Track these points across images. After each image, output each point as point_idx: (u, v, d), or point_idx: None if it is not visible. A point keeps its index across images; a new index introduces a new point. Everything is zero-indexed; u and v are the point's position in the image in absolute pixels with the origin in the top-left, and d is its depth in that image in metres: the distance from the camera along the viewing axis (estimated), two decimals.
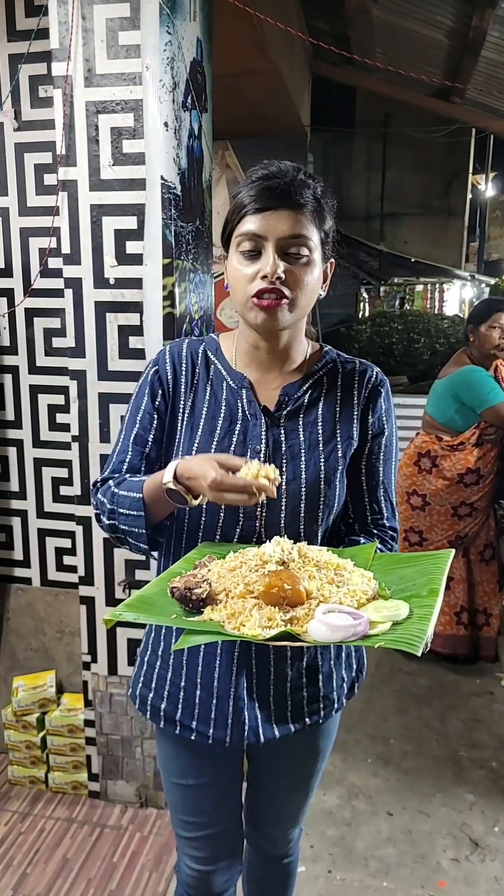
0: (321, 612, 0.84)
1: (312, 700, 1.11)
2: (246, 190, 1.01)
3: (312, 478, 1.05)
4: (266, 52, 3.32)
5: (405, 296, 11.37)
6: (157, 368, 1.12)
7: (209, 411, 1.08)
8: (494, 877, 1.87)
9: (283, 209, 0.98)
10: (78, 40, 1.70)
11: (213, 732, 1.09)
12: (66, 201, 1.79)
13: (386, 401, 1.13)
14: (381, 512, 1.13)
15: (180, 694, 1.11)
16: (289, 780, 1.24)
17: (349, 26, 4.67)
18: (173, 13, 1.68)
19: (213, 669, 1.08)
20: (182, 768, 1.17)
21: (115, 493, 1.05)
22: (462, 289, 12.54)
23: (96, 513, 1.10)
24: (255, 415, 1.07)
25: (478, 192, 13.17)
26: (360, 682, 1.21)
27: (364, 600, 0.89)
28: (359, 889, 1.83)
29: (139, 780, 2.07)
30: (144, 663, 1.19)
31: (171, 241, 1.76)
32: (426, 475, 2.83)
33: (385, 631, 0.82)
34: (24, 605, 2.29)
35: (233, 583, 0.90)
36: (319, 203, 1.02)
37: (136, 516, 1.02)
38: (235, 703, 1.07)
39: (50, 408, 2.18)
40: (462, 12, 3.97)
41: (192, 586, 0.90)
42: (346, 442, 1.08)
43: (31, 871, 1.86)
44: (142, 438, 1.11)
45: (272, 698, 1.09)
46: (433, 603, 0.85)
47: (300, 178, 1.00)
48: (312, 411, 1.08)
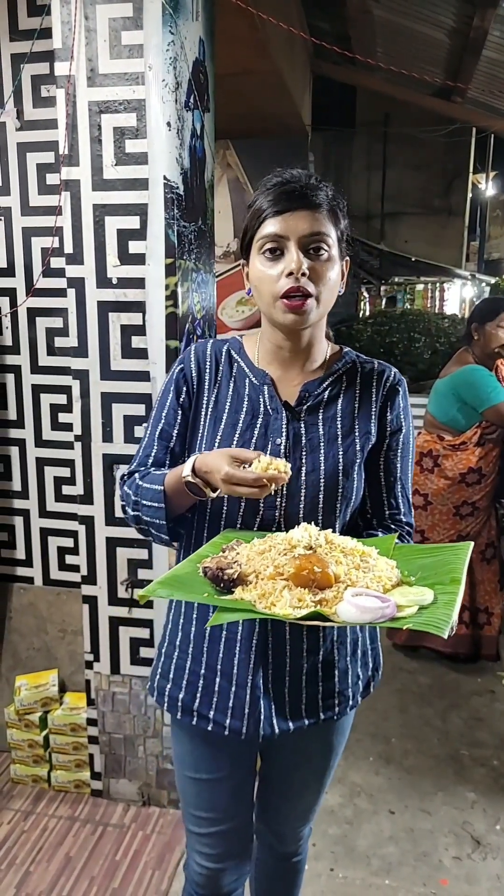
0: (350, 595, 0.86)
1: (327, 695, 1.14)
2: (263, 196, 1.06)
3: (331, 470, 1.08)
4: (267, 52, 3.32)
5: (396, 294, 11.37)
6: (182, 367, 1.17)
7: (232, 406, 1.13)
8: (496, 875, 1.88)
9: (301, 210, 1.03)
10: (81, 40, 1.71)
11: (229, 723, 1.11)
12: (69, 201, 1.80)
13: (403, 399, 1.16)
14: (397, 507, 1.16)
15: (199, 682, 1.14)
16: (301, 777, 1.25)
17: (350, 26, 4.67)
18: (176, 13, 1.69)
19: (232, 657, 1.11)
20: (196, 762, 1.19)
21: (139, 485, 1.11)
22: (462, 288, 12.54)
23: (122, 504, 1.16)
24: (277, 409, 1.11)
25: (478, 191, 13.17)
26: (376, 681, 1.23)
27: (389, 586, 0.92)
28: (361, 887, 1.84)
29: (142, 778, 2.07)
30: (163, 655, 1.21)
31: (174, 240, 1.76)
32: (428, 475, 2.83)
33: (412, 614, 0.85)
34: (26, 605, 2.29)
35: (262, 565, 0.93)
36: (333, 203, 1.06)
37: (157, 507, 1.07)
38: (252, 692, 1.10)
39: (52, 407, 2.19)
40: (463, 12, 3.97)
41: (224, 566, 0.93)
42: (365, 437, 1.12)
43: (34, 870, 1.86)
44: (167, 433, 1.16)
45: (287, 690, 1.11)
46: (456, 590, 0.88)
47: (313, 182, 1.06)
48: (332, 407, 1.12)
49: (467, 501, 2.80)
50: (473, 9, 3.87)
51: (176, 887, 1.81)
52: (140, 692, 2.01)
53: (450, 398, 2.77)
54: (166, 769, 2.05)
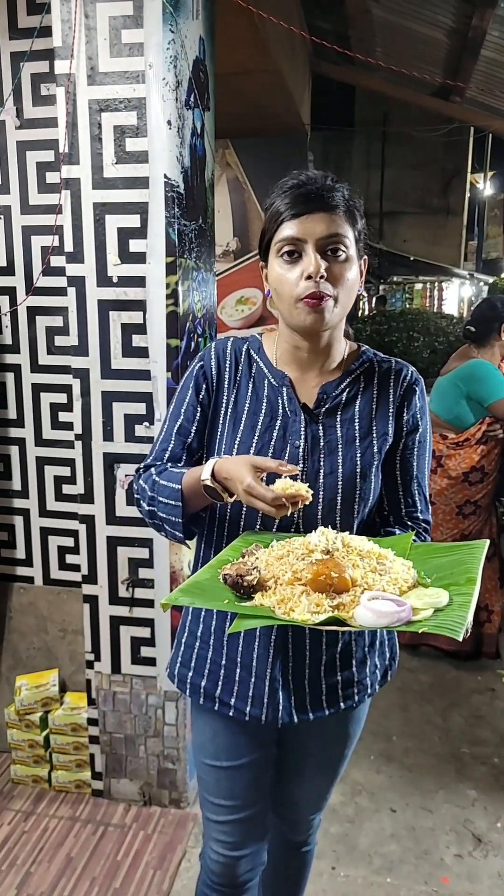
0: (366, 599, 0.88)
1: (347, 685, 1.16)
2: (280, 199, 1.06)
3: (349, 472, 1.10)
4: (267, 51, 3.32)
5: (387, 295, 11.37)
6: (202, 364, 1.18)
7: (251, 407, 1.14)
8: (497, 872, 1.88)
9: (318, 212, 1.03)
10: (81, 38, 1.70)
11: (249, 710, 1.14)
12: (69, 199, 1.80)
13: (420, 399, 1.17)
14: (414, 505, 1.18)
15: (220, 672, 1.16)
16: (316, 763, 1.27)
17: (349, 25, 4.67)
18: (176, 11, 1.68)
19: (252, 649, 1.13)
20: (217, 750, 1.21)
21: (155, 481, 1.12)
22: (461, 287, 12.56)
23: (136, 497, 1.17)
24: (295, 411, 1.12)
25: (476, 190, 13.19)
26: (394, 669, 1.27)
27: (405, 588, 0.93)
28: (362, 885, 1.83)
29: (143, 778, 2.07)
30: (182, 644, 1.23)
31: (175, 239, 1.76)
32: (431, 475, 2.82)
33: (427, 617, 0.86)
34: (26, 604, 2.29)
35: (281, 570, 0.95)
36: (350, 204, 1.07)
37: (173, 506, 1.08)
38: (272, 683, 1.12)
39: (52, 406, 2.18)
40: (462, 12, 3.97)
41: (243, 573, 0.95)
42: (382, 438, 1.13)
43: (35, 871, 1.86)
44: (185, 429, 1.17)
45: (307, 682, 1.13)
46: (471, 591, 0.89)
47: (329, 183, 1.06)
48: (350, 408, 1.13)
49: (470, 500, 2.80)
50: (472, 9, 3.87)
51: (177, 887, 1.80)
52: (141, 692, 2.01)
53: (454, 394, 2.77)
54: (167, 769, 2.04)
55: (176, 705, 2.00)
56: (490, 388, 2.68)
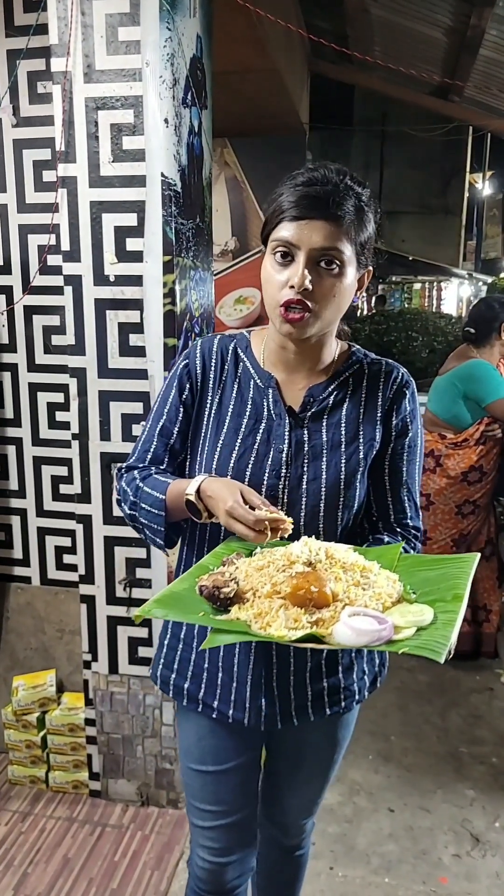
0: (347, 616, 0.85)
1: (333, 691, 1.14)
2: (287, 194, 1.01)
3: (333, 479, 1.07)
4: (266, 50, 3.31)
5: (385, 294, 11.36)
6: (187, 363, 1.15)
7: (235, 409, 1.11)
8: (496, 872, 1.88)
9: (318, 220, 0.98)
10: (77, 36, 1.70)
11: (232, 713, 1.12)
12: (66, 198, 1.79)
13: (411, 402, 1.13)
14: (404, 511, 1.14)
15: (203, 675, 1.15)
16: (307, 769, 1.26)
17: (348, 24, 4.66)
18: (173, 9, 1.68)
19: (233, 655, 1.11)
20: (203, 754, 1.19)
21: (139, 486, 1.10)
22: (460, 287, 12.56)
23: (117, 498, 1.16)
24: (280, 415, 1.09)
25: (475, 190, 13.20)
26: (383, 676, 1.24)
27: (389, 604, 0.90)
28: (360, 886, 1.83)
29: (140, 778, 2.06)
30: (165, 646, 1.22)
31: (172, 238, 1.76)
32: (430, 475, 2.83)
33: (409, 637, 0.83)
34: (23, 604, 2.28)
35: (260, 582, 0.92)
36: (360, 213, 1.01)
37: (156, 514, 1.07)
38: (253, 688, 1.10)
39: (49, 406, 2.18)
40: (460, 11, 3.97)
41: (220, 585, 0.92)
42: (369, 444, 1.10)
43: (32, 871, 1.85)
44: (167, 430, 1.14)
45: (292, 688, 1.11)
46: (457, 609, 0.86)
47: (343, 186, 1.00)
48: (336, 412, 1.10)
49: (469, 500, 2.80)
50: (471, 8, 3.86)
51: (175, 888, 1.80)
52: (139, 692, 2.00)
53: (452, 394, 2.76)
54: (165, 769, 2.04)
55: (173, 706, 1.99)
56: (488, 388, 2.67)
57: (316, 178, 1.00)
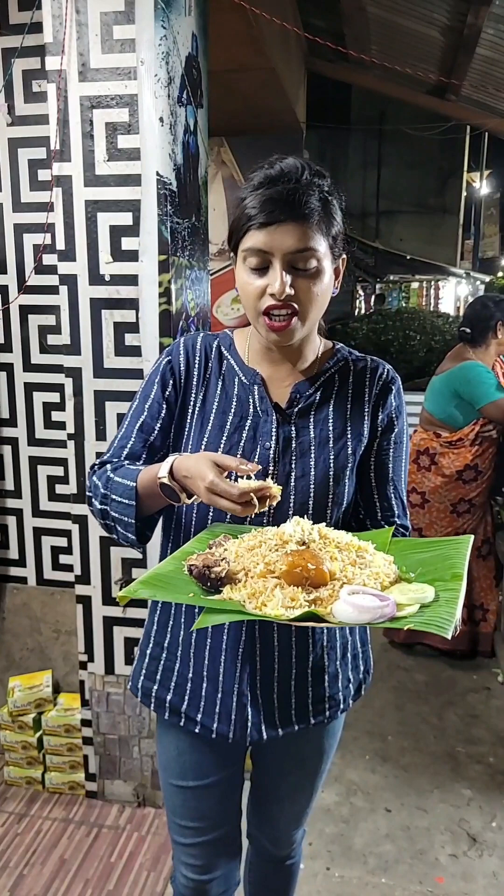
0: (346, 594, 0.81)
1: (318, 700, 1.11)
2: (250, 199, 0.97)
3: (322, 474, 1.05)
4: (262, 49, 3.31)
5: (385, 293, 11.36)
6: (170, 359, 1.12)
7: (220, 406, 1.08)
8: (492, 872, 1.87)
9: (287, 222, 0.95)
10: (72, 34, 1.69)
11: (216, 727, 1.08)
12: (61, 197, 1.78)
13: (396, 398, 1.12)
14: (391, 509, 1.12)
15: (187, 685, 1.11)
16: (293, 780, 1.23)
17: (345, 23, 4.65)
18: (168, 8, 1.67)
19: (218, 664, 1.08)
20: (183, 769, 1.16)
21: (109, 477, 1.05)
22: (457, 286, 12.56)
23: (88, 496, 1.09)
24: (267, 411, 1.07)
25: (473, 189, 13.20)
26: (367, 683, 1.21)
27: (387, 583, 0.87)
28: (357, 886, 1.83)
29: (137, 779, 2.06)
30: (146, 656, 1.18)
31: (167, 237, 1.75)
32: (425, 472, 2.83)
33: (412, 613, 0.80)
34: (19, 605, 2.28)
35: (252, 562, 0.88)
36: (326, 206, 0.98)
37: (127, 504, 1.01)
38: (239, 699, 1.07)
39: (45, 405, 2.17)
40: (457, 9, 3.96)
41: (210, 564, 0.87)
42: (357, 439, 1.09)
43: (28, 873, 1.85)
44: (148, 426, 1.10)
45: (276, 696, 1.09)
46: (458, 587, 0.84)
47: (305, 181, 0.96)
48: (323, 409, 1.08)
49: (464, 499, 2.80)
50: (467, 6, 3.85)
51: (171, 889, 1.79)
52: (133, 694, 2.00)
53: (447, 395, 2.76)
54: None
55: None
56: (482, 391, 2.68)
57: (275, 174, 0.96)
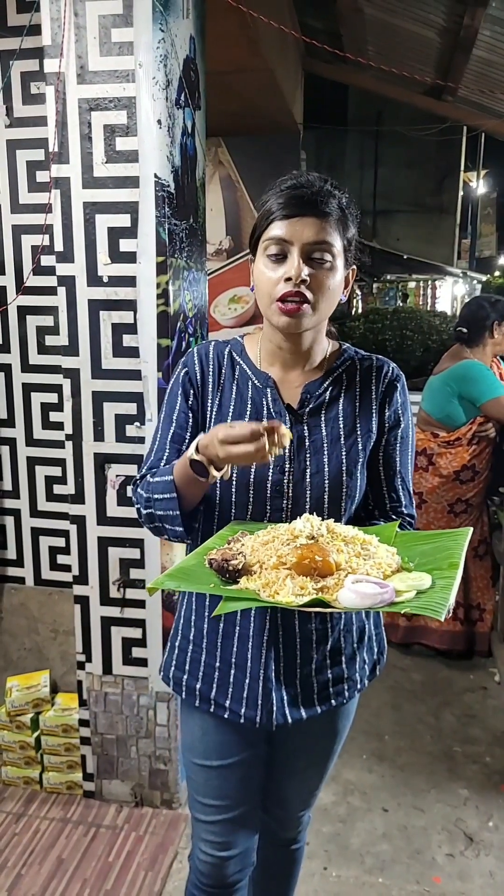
0: (350, 582, 0.89)
1: (337, 681, 1.18)
2: (275, 198, 1.07)
3: (335, 470, 1.11)
4: (259, 50, 3.31)
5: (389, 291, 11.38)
6: (186, 370, 1.19)
7: (236, 409, 1.15)
8: (489, 871, 1.89)
9: (308, 216, 1.04)
10: (70, 37, 1.69)
11: (244, 711, 1.14)
12: (59, 199, 1.79)
13: (402, 394, 1.19)
14: (399, 500, 1.19)
15: (215, 674, 1.17)
16: (306, 759, 1.28)
17: (341, 24, 4.66)
18: (166, 10, 1.68)
19: (245, 650, 1.14)
20: (207, 749, 1.21)
21: (149, 481, 1.12)
22: (454, 285, 12.58)
23: (136, 507, 1.16)
24: (280, 412, 1.13)
25: (469, 189, 13.23)
26: (382, 664, 1.27)
27: (389, 572, 0.95)
28: (354, 886, 1.84)
29: (134, 779, 2.06)
30: (176, 648, 1.24)
31: (165, 238, 1.75)
32: (423, 473, 2.84)
33: (410, 599, 0.88)
34: (17, 605, 2.28)
35: (266, 555, 0.96)
36: (344, 212, 1.08)
37: (169, 499, 1.08)
38: (265, 684, 1.13)
39: (43, 406, 2.18)
40: (454, 11, 3.97)
41: (228, 557, 0.96)
42: (366, 435, 1.15)
43: (26, 873, 1.85)
44: (179, 437, 1.17)
45: (299, 680, 1.15)
46: (454, 574, 0.91)
47: (326, 189, 1.06)
48: (333, 407, 1.15)
49: (461, 499, 2.81)
50: (464, 8, 3.86)
51: (169, 888, 1.80)
52: (132, 692, 2.01)
53: (446, 394, 2.78)
54: (159, 769, 2.04)
55: (167, 706, 1.99)
56: (482, 389, 2.69)
57: (301, 182, 1.07)
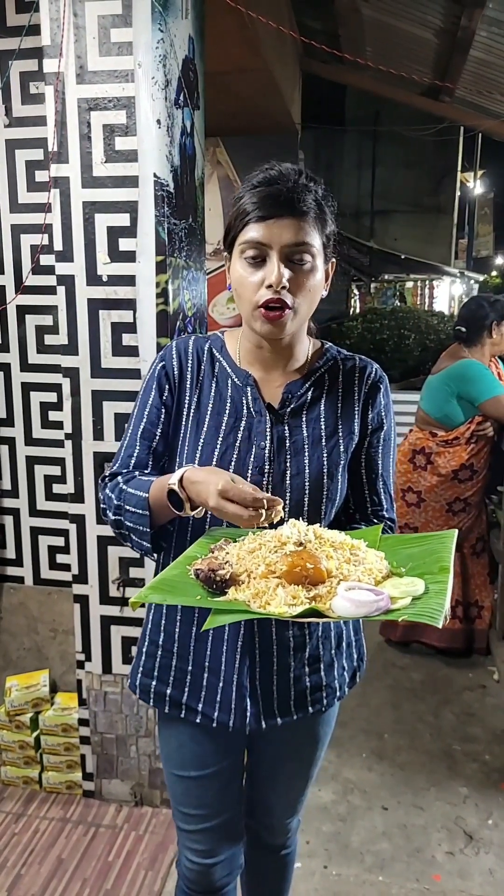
0: (343, 590, 0.87)
1: (315, 689, 1.15)
2: (248, 196, 1.02)
3: (316, 472, 1.08)
4: (258, 50, 3.32)
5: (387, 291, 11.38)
6: (163, 364, 1.14)
7: (214, 407, 1.11)
8: (489, 869, 1.89)
9: (286, 217, 0.99)
10: (69, 37, 1.69)
11: (217, 715, 1.11)
12: (59, 198, 1.79)
13: (385, 396, 1.16)
14: (380, 503, 1.17)
15: (187, 678, 1.14)
16: (289, 768, 1.26)
17: (339, 25, 4.67)
18: (165, 11, 1.68)
19: (219, 655, 1.11)
20: (184, 759, 1.19)
21: (122, 489, 1.08)
22: (452, 285, 12.59)
23: (102, 507, 1.12)
24: (260, 412, 1.10)
25: (466, 189, 13.25)
26: (362, 671, 1.24)
27: (380, 578, 0.93)
28: (354, 884, 1.84)
29: (134, 778, 2.06)
30: (143, 654, 1.21)
31: (164, 238, 1.76)
32: (421, 472, 2.85)
33: (405, 606, 0.86)
34: (16, 604, 2.28)
35: (254, 564, 0.93)
36: (321, 207, 1.03)
37: (140, 514, 1.04)
38: (239, 689, 1.10)
39: (42, 405, 2.18)
40: (451, 12, 3.98)
41: (215, 567, 0.92)
42: (348, 437, 1.12)
43: (26, 873, 1.85)
44: (149, 433, 1.13)
45: (275, 687, 1.12)
46: (446, 579, 0.89)
47: (301, 183, 1.01)
48: (315, 408, 1.11)
49: (459, 498, 2.81)
50: (461, 9, 3.88)
51: (169, 887, 1.80)
52: (132, 692, 2.00)
53: (444, 393, 2.78)
54: (159, 769, 2.04)
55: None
56: (481, 388, 2.70)
57: (273, 176, 1.01)
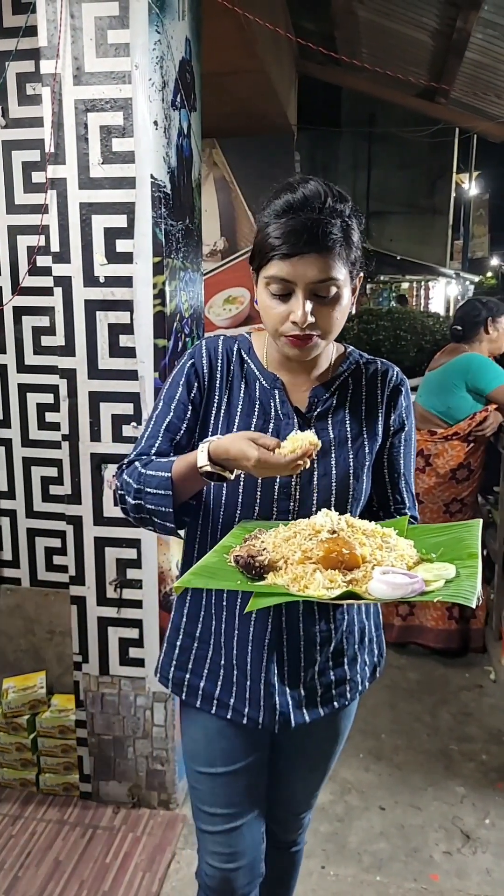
0: (379, 573, 0.91)
1: (339, 683, 1.18)
2: (273, 227, 1.00)
3: (342, 473, 1.12)
4: (254, 52, 3.32)
5: (383, 292, 11.41)
6: (193, 362, 1.16)
7: (244, 409, 1.14)
8: (486, 868, 1.89)
9: (311, 254, 0.98)
10: (66, 38, 1.69)
11: (248, 711, 1.14)
12: (55, 199, 1.79)
13: (406, 398, 1.20)
14: (403, 501, 1.21)
15: (220, 672, 1.17)
16: (308, 761, 1.29)
17: (335, 26, 4.68)
18: (162, 12, 1.68)
19: (245, 653, 1.14)
20: (212, 755, 1.19)
21: (141, 472, 1.09)
22: (447, 286, 12.63)
23: (120, 493, 1.13)
24: (288, 415, 1.13)
25: (462, 190, 13.30)
26: (382, 666, 1.29)
27: (412, 563, 0.96)
28: (352, 884, 1.84)
29: (131, 780, 2.06)
30: (176, 647, 1.22)
31: (162, 239, 1.76)
32: (419, 474, 2.86)
33: (439, 588, 0.89)
34: (13, 606, 2.27)
35: (290, 550, 0.97)
36: (348, 234, 1.01)
37: (163, 495, 1.06)
38: (267, 686, 1.13)
39: (39, 406, 2.17)
40: (446, 14, 3.99)
41: (254, 553, 0.96)
42: (372, 439, 1.16)
43: (23, 875, 1.85)
44: (174, 426, 1.15)
45: (302, 683, 1.15)
46: (475, 563, 0.93)
47: (328, 208, 0.99)
48: (340, 411, 1.15)
49: (456, 498, 2.83)
50: (456, 11, 3.89)
51: (167, 889, 1.80)
52: (129, 693, 2.00)
53: (447, 386, 2.83)
54: (156, 770, 2.04)
55: (164, 706, 1.99)
56: (490, 377, 2.76)
57: (298, 203, 0.98)
